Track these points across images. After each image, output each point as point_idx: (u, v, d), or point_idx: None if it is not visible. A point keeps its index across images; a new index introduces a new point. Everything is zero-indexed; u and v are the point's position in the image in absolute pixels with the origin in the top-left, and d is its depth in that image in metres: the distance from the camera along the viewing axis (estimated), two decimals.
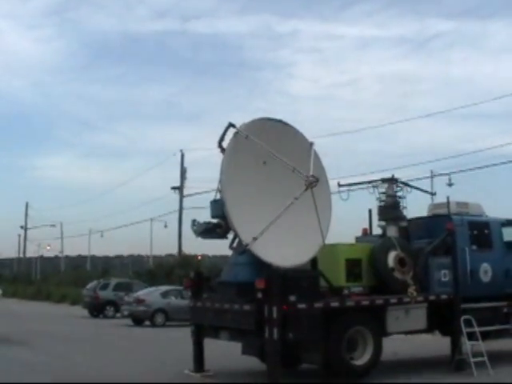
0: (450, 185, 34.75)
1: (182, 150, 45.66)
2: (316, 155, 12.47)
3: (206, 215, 12.43)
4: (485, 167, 30.74)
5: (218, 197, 11.93)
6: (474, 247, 14.01)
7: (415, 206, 15.23)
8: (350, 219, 20.45)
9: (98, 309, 32.52)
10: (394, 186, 14.18)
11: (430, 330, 13.70)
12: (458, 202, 14.47)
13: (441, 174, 34.96)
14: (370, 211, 14.86)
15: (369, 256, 12.91)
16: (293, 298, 11.10)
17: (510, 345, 14.23)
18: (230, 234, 12.09)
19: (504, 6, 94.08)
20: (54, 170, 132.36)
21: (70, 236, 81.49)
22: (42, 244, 77.05)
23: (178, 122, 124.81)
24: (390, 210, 13.95)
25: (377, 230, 14.69)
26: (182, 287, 23.05)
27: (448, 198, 14.14)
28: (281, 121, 12.46)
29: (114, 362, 14.84)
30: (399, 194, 14.18)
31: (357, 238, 14.77)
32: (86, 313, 32.88)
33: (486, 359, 12.61)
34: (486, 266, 13.94)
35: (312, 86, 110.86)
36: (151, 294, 27.86)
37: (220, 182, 11.66)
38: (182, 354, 14.01)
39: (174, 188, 45.72)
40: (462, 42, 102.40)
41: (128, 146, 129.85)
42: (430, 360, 14.88)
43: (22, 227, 75.37)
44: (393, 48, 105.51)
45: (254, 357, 12.73)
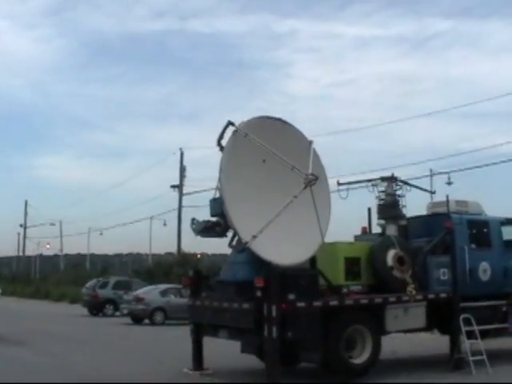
0: (450, 183, 34.78)
1: (181, 149, 45.74)
2: (315, 153, 12.46)
3: (205, 214, 12.46)
4: (483, 166, 30.78)
5: (218, 195, 11.93)
6: (473, 246, 14.02)
7: (414, 205, 15.24)
8: (350, 218, 20.43)
9: (97, 307, 32.55)
10: (394, 184, 14.19)
11: (428, 328, 13.72)
12: (457, 201, 14.47)
13: (440, 173, 35.00)
14: (370, 210, 14.88)
15: (368, 255, 12.91)
16: (292, 297, 11.09)
17: (508, 343, 14.23)
18: (230, 233, 12.09)
19: (503, 5, 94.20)
20: (53, 169, 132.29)
21: (70, 234, 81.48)
22: (41, 242, 76.78)
23: (176, 122, 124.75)
24: (390, 208, 13.96)
25: (376, 229, 14.70)
26: (181, 286, 23.04)
27: (447, 196, 14.15)
28: (280, 119, 12.45)
29: (113, 360, 14.84)
30: (398, 192, 14.19)
31: (356, 237, 14.77)
32: (86, 311, 32.90)
33: (484, 358, 12.62)
34: (485, 265, 13.95)
35: (311, 85, 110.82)
36: (150, 293, 27.85)
37: (219, 180, 11.64)
38: (180, 353, 14.01)
39: (173, 186, 45.75)
40: (461, 41, 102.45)
41: (127, 145, 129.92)
42: (429, 358, 14.88)
43: (21, 226, 75.31)
44: (392, 47, 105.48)
45: (253, 355, 12.75)
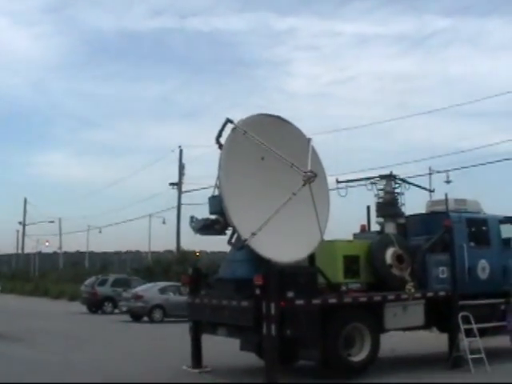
0: (448, 182, 34.87)
1: (180, 146, 45.74)
2: (314, 151, 12.45)
3: (204, 211, 12.45)
4: (483, 164, 30.80)
5: (217, 193, 11.92)
6: (472, 244, 14.02)
7: (413, 203, 15.25)
8: (348, 216, 20.44)
9: (96, 305, 32.50)
10: (393, 182, 14.20)
11: (427, 326, 13.73)
12: (455, 199, 14.49)
13: (439, 171, 35.07)
14: (369, 208, 14.88)
15: (367, 253, 12.91)
16: (291, 295, 11.10)
17: (507, 341, 14.22)
18: (229, 231, 12.08)
19: (503, 3, 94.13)
20: (52, 167, 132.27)
21: (69, 232, 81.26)
22: (40, 240, 76.98)
23: (176, 119, 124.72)
24: (388, 206, 13.97)
25: (375, 227, 14.72)
26: (180, 283, 23.03)
27: (446, 194, 14.17)
28: (279, 117, 12.45)
29: (112, 358, 14.84)
30: (397, 190, 14.20)
31: (355, 235, 14.76)
32: (85, 309, 32.83)
33: (483, 356, 12.64)
34: (483, 263, 13.95)
35: (310, 83, 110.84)
36: (149, 290, 27.83)
37: (218, 177, 11.63)
38: (179, 350, 14.02)
39: (172, 184, 45.74)
40: (460, 39, 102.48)
41: (126, 142, 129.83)
42: (428, 357, 14.89)
43: (20, 223, 75.35)
44: (392, 45, 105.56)
45: (252, 353, 12.76)
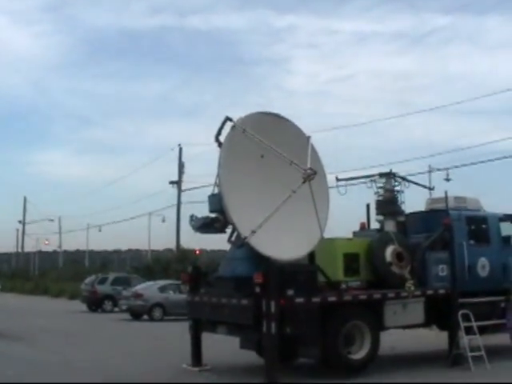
0: (448, 180, 34.82)
1: (179, 145, 45.71)
2: (313, 149, 12.44)
3: (204, 210, 12.43)
4: (482, 162, 30.76)
5: (216, 191, 11.92)
6: (472, 242, 14.03)
7: (413, 201, 15.24)
8: (348, 214, 20.43)
9: (96, 303, 32.52)
10: (392, 180, 14.18)
11: (427, 324, 13.73)
12: (455, 197, 14.48)
13: (439, 169, 35.02)
14: (368, 206, 14.86)
15: (366, 250, 12.91)
16: (290, 293, 11.10)
17: (507, 339, 14.21)
18: (229, 229, 12.07)
19: (501, 1, 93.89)
20: (51, 166, 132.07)
21: (69, 231, 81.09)
22: (40, 239, 76.89)
23: (175, 118, 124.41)
24: (388, 204, 13.95)
25: (375, 225, 14.71)
26: (180, 282, 23.02)
27: (446, 192, 14.14)
28: (278, 115, 12.45)
29: (112, 357, 14.84)
30: (397, 188, 14.18)
31: (354, 233, 14.76)
32: (85, 307, 32.87)
33: (483, 354, 12.64)
34: (483, 261, 13.96)
35: (309, 81, 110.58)
36: (149, 289, 27.84)
37: (218, 175, 11.63)
38: (179, 349, 14.01)
39: (172, 182, 45.69)
40: (459, 37, 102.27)
41: (125, 141, 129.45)
42: (428, 354, 14.89)
43: (20, 222, 75.28)
44: (390, 43, 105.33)
45: (252, 351, 12.75)
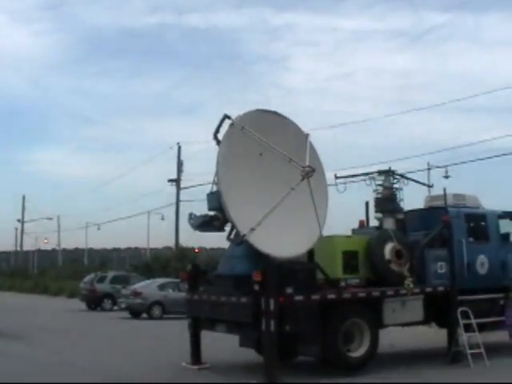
0: (447, 177, 34.82)
1: (178, 143, 45.67)
2: (312, 147, 12.44)
3: (203, 208, 12.42)
4: (480, 160, 30.78)
5: (215, 189, 11.90)
6: (471, 239, 14.02)
7: (412, 199, 15.23)
8: (347, 211, 20.41)
9: (95, 302, 32.54)
10: (391, 178, 14.16)
11: (426, 321, 13.70)
12: (454, 194, 14.47)
13: (438, 167, 35.02)
14: (367, 203, 14.84)
15: (365, 248, 12.90)
16: (290, 290, 11.09)
17: (506, 336, 14.23)
18: (228, 227, 12.06)
19: None
20: (50, 164, 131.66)
21: (68, 229, 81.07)
22: (39, 237, 76.93)
23: (174, 116, 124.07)
24: (387, 202, 13.94)
25: (374, 222, 14.70)
26: (179, 280, 23.02)
27: (445, 190, 14.13)
28: (276, 112, 12.43)
29: (111, 355, 14.83)
30: (396, 186, 14.17)
31: (353, 230, 14.75)
32: (84, 306, 32.89)
33: (482, 351, 12.65)
34: (482, 258, 13.96)
35: (308, 78, 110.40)
36: (148, 287, 27.85)
37: (216, 173, 11.61)
38: (179, 347, 14.01)
39: (170, 181, 45.67)
40: (458, 35, 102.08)
41: (124, 139, 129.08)
42: (427, 352, 14.91)
43: (18, 220, 75.18)
44: (389, 41, 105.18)
45: (252, 349, 12.75)
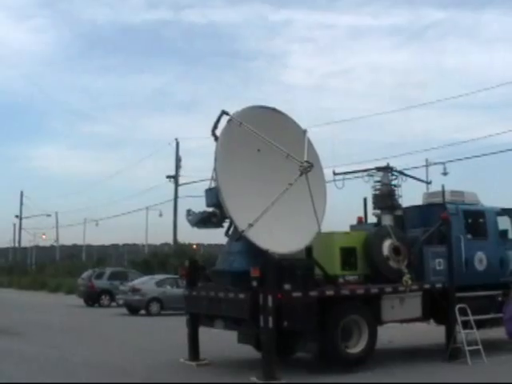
0: (445, 174, 34.83)
1: (176, 139, 45.61)
2: (309, 143, 12.42)
3: (201, 204, 12.40)
4: (476, 157, 30.81)
5: (213, 185, 11.87)
6: (469, 236, 14.02)
7: (410, 195, 15.22)
8: (345, 208, 20.45)
9: (93, 298, 32.51)
10: (389, 174, 14.15)
11: (424, 318, 13.69)
12: (453, 191, 14.46)
13: (436, 163, 35.05)
14: (365, 200, 14.83)
15: (364, 244, 12.88)
16: (288, 287, 11.07)
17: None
18: (226, 223, 12.05)
19: None
20: (48, 160, 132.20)
21: (66, 225, 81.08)
22: (37, 233, 76.91)
23: (172, 112, 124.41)
24: (385, 198, 13.92)
25: (372, 219, 14.68)
26: (178, 276, 23.02)
27: (443, 186, 14.13)
28: (274, 108, 12.42)
29: (108, 351, 14.81)
30: (394, 182, 14.16)
31: (352, 227, 14.74)
32: (82, 302, 32.87)
33: (480, 348, 12.65)
34: (480, 255, 13.95)
35: (306, 75, 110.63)
36: (146, 283, 27.81)
37: (214, 169, 11.59)
38: (177, 343, 14.01)
39: (169, 177, 45.63)
40: (456, 31, 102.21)
41: (122, 135, 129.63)
42: (425, 348, 14.90)
43: (17, 216, 75.07)
44: (387, 38, 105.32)
45: (250, 345, 12.74)
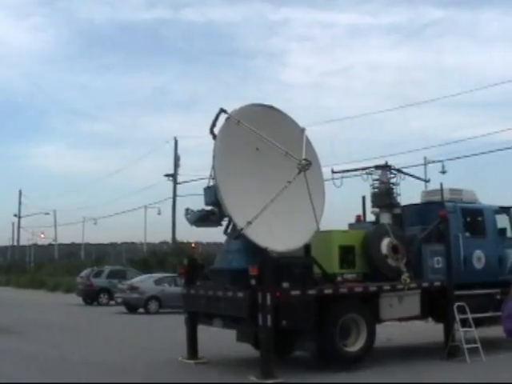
0: (444, 172, 34.83)
1: (175, 137, 45.57)
2: (308, 141, 12.41)
3: (199, 202, 12.38)
4: (478, 155, 30.82)
5: (212, 184, 11.87)
6: (468, 234, 14.02)
7: (409, 193, 15.22)
8: (344, 206, 20.43)
9: (91, 296, 32.50)
10: (388, 172, 14.14)
11: (423, 316, 13.70)
12: (451, 189, 14.46)
13: (434, 162, 35.06)
14: (364, 198, 14.83)
15: (362, 243, 12.87)
16: (286, 285, 11.07)
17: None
18: (225, 221, 12.05)
19: None
20: (47, 159, 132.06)
21: (64, 224, 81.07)
22: (35, 232, 76.81)
23: (171, 110, 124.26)
24: (384, 196, 13.91)
25: (370, 217, 14.67)
26: (177, 274, 22.98)
27: (441, 184, 14.12)
28: (272, 107, 12.42)
29: (107, 350, 14.81)
30: (393, 180, 14.15)
31: (350, 225, 14.74)
32: (80, 300, 32.86)
33: (479, 346, 12.64)
34: (479, 253, 13.95)
35: (305, 74, 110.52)
36: (145, 282, 27.82)
37: (213, 167, 11.58)
38: (175, 342, 14.00)
39: (167, 175, 45.61)
40: (455, 30, 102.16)
41: (121, 134, 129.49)
42: (424, 347, 14.90)
43: (15, 215, 74.93)
44: (386, 36, 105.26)
45: (248, 344, 12.74)
